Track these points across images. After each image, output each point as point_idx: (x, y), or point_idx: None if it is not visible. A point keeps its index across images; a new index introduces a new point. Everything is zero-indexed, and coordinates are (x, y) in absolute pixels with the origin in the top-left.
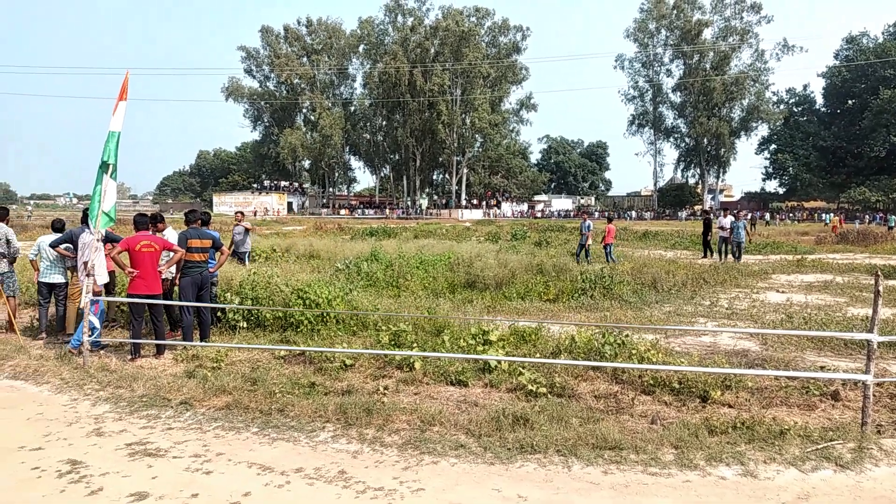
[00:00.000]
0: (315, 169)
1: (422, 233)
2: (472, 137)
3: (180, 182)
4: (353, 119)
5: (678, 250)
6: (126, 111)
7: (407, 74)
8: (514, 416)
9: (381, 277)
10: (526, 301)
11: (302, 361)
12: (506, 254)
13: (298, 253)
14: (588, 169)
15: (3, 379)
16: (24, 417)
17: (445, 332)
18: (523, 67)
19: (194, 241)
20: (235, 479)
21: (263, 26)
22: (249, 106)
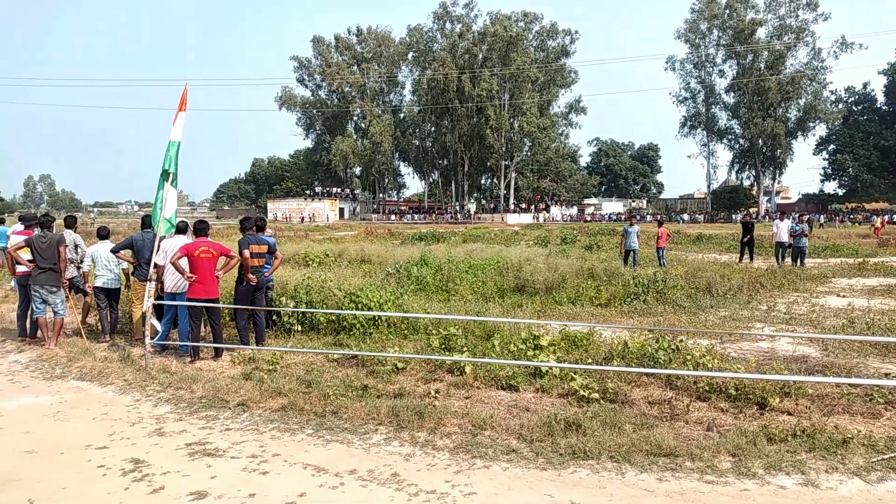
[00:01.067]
0: (366, 175)
1: (470, 237)
2: (520, 141)
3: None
4: (402, 126)
5: (733, 254)
6: (185, 121)
7: (455, 80)
8: (566, 422)
9: (431, 282)
10: (577, 306)
11: (355, 364)
12: (556, 258)
13: (350, 257)
14: (639, 171)
15: (71, 380)
16: (91, 417)
17: (495, 336)
18: (572, 71)
19: (253, 247)
20: (291, 480)
21: (315, 36)
22: (302, 114)
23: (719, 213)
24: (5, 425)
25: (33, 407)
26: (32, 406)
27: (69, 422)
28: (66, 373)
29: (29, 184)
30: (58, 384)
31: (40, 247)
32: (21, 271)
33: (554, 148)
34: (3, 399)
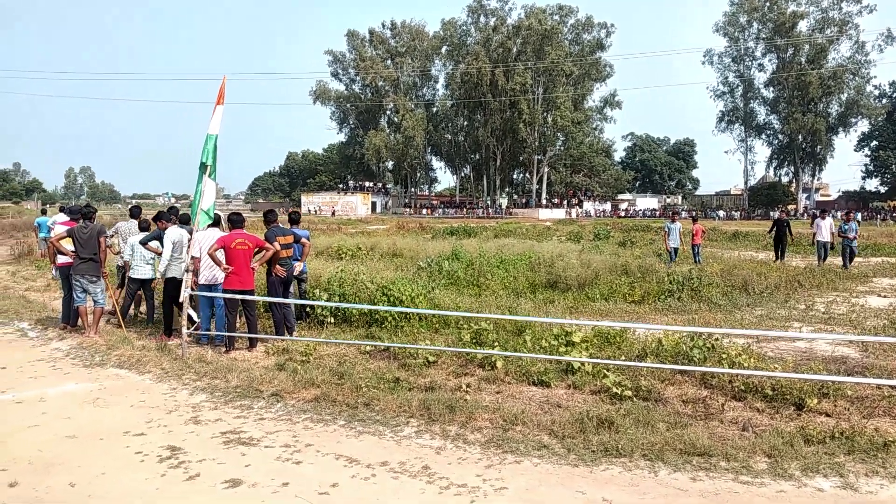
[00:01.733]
0: (398, 169)
1: (502, 232)
2: (553, 136)
3: (270, 182)
4: (434, 120)
5: (770, 252)
6: (223, 115)
7: (489, 74)
8: (598, 419)
9: (462, 276)
10: (610, 302)
11: (386, 357)
12: (588, 254)
13: (382, 251)
14: (674, 167)
15: (110, 367)
16: (129, 404)
17: (527, 331)
18: (607, 64)
19: (280, 239)
20: (324, 470)
21: (349, 30)
22: (336, 108)
23: (756, 210)
24: (48, 410)
25: (74, 393)
26: (73, 392)
27: (108, 408)
28: (106, 360)
29: (70, 175)
30: (97, 371)
31: (82, 237)
32: (62, 262)
33: (588, 142)
34: (45, 385)
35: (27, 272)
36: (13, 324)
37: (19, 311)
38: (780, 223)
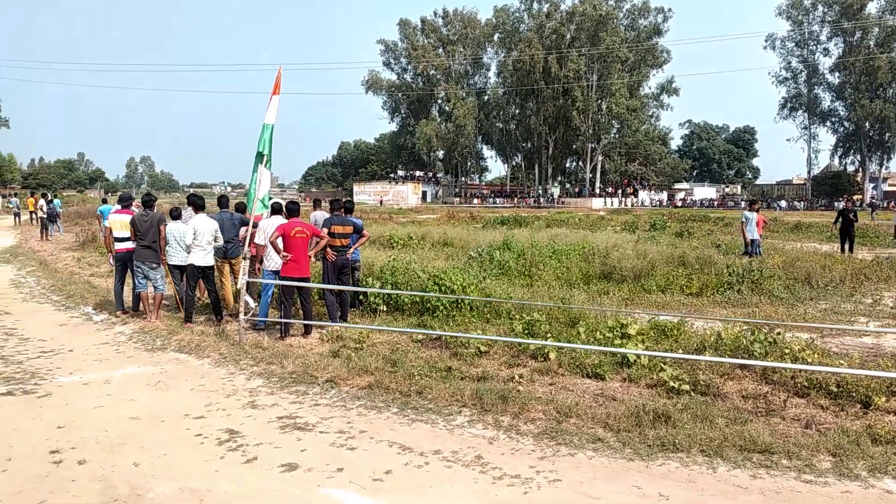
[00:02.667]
0: (448, 158)
1: (554, 222)
2: (608, 124)
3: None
4: (486, 108)
5: (835, 243)
6: (279, 105)
7: (541, 61)
8: (654, 413)
9: (514, 266)
10: (666, 294)
11: (438, 346)
12: (644, 244)
13: (433, 240)
14: (734, 155)
15: (170, 352)
16: (189, 388)
17: (581, 323)
18: (664, 50)
19: (336, 227)
20: (377, 457)
21: (401, 19)
22: (388, 98)
23: (820, 200)
24: (113, 392)
25: (137, 376)
26: (136, 375)
27: (169, 391)
28: (166, 345)
29: (131, 165)
30: (158, 355)
31: (142, 225)
32: (119, 248)
33: (643, 130)
34: (110, 368)
35: (91, 258)
36: (79, 308)
37: (84, 295)
38: (845, 214)
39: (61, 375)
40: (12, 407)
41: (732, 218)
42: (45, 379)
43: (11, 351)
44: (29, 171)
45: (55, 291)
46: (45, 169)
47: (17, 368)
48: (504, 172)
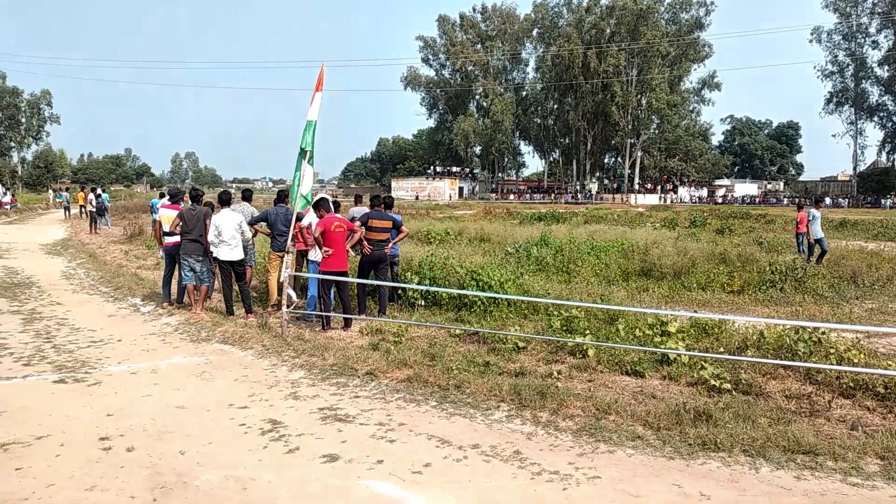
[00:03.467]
0: (485, 154)
1: (592, 218)
2: (647, 119)
3: (362, 168)
4: (524, 104)
5: (881, 241)
6: (321, 101)
7: (580, 56)
8: (695, 411)
9: (552, 262)
10: (707, 292)
11: (476, 341)
12: (684, 241)
13: (470, 236)
14: (777, 151)
15: (215, 343)
16: (232, 378)
17: (620, 320)
18: (706, 44)
19: (375, 222)
20: (416, 450)
21: (440, 15)
22: (426, 94)
23: (866, 197)
24: (159, 382)
25: (183, 366)
26: (182, 365)
27: (214, 381)
28: (211, 336)
29: (176, 160)
30: (203, 346)
31: (190, 219)
32: (168, 242)
33: (684, 126)
34: (157, 358)
35: (138, 251)
36: (127, 300)
37: (132, 287)
38: None
39: (110, 365)
40: (65, 394)
41: (775, 215)
42: (95, 368)
43: (63, 340)
44: (78, 166)
45: (104, 283)
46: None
47: (69, 357)
48: (541, 168)
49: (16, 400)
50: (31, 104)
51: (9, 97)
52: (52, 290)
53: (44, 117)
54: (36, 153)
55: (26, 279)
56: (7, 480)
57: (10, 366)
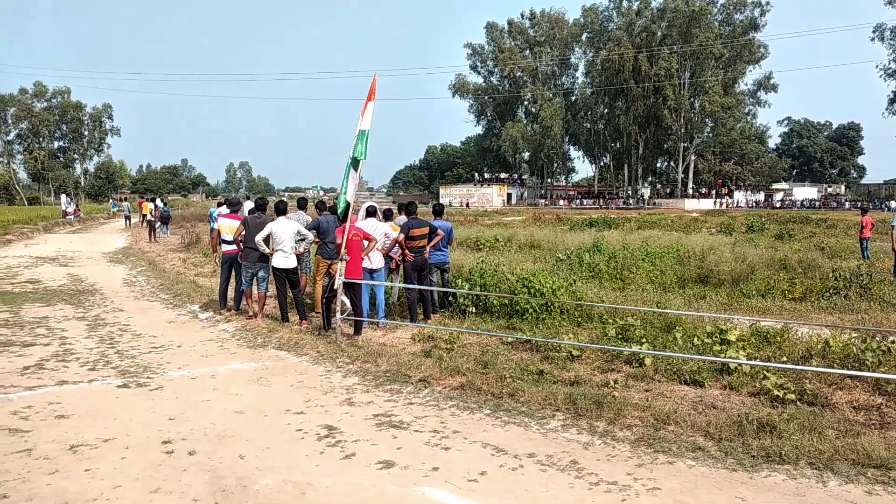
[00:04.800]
0: (534, 160)
1: (645, 223)
2: (701, 122)
3: (410, 175)
4: (573, 109)
5: None
6: (373, 110)
7: (631, 60)
8: (758, 422)
9: (605, 269)
10: (767, 299)
11: (529, 349)
12: (742, 247)
13: (520, 242)
14: (837, 154)
15: (271, 349)
16: (288, 384)
17: (677, 328)
18: (761, 45)
19: (415, 230)
20: (471, 458)
21: (489, 22)
22: (474, 101)
23: None
24: (218, 387)
25: (240, 371)
26: (239, 370)
27: (270, 387)
28: (267, 342)
29: (230, 170)
30: (260, 352)
31: (254, 227)
32: (226, 250)
33: (739, 128)
34: (215, 363)
35: (196, 259)
36: (186, 306)
37: (191, 294)
38: None
39: (171, 370)
40: (128, 399)
41: (836, 219)
42: (156, 373)
43: (126, 346)
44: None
45: (163, 290)
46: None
47: (132, 362)
48: (591, 173)
49: (83, 404)
50: (94, 117)
51: (73, 111)
52: (115, 297)
53: (105, 130)
54: (98, 164)
55: (90, 286)
56: (77, 481)
57: (77, 370)
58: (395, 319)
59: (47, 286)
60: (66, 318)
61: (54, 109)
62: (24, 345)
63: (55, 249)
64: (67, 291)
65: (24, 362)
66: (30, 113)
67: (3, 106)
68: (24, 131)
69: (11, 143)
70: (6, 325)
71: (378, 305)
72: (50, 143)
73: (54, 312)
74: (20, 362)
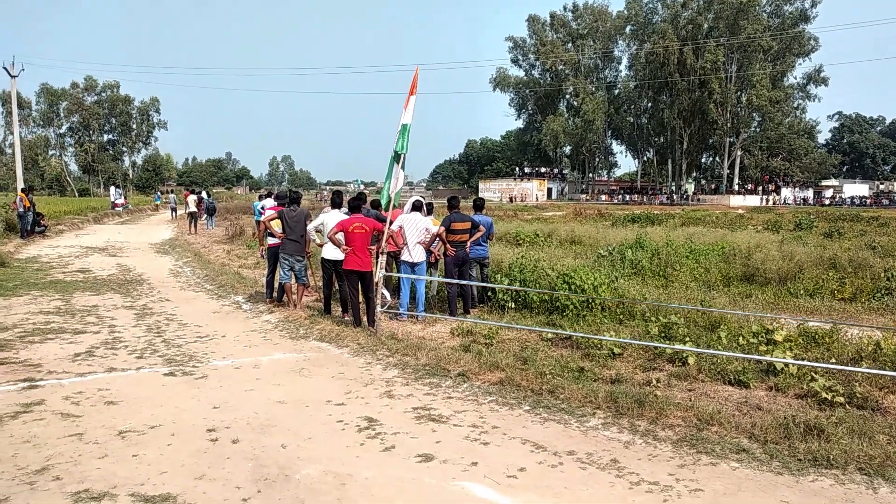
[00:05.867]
0: (575, 154)
1: (689, 220)
2: (748, 116)
3: (450, 170)
4: (616, 102)
5: None
6: (415, 105)
7: (676, 53)
8: (805, 425)
9: (648, 266)
10: (816, 299)
11: (569, 346)
12: (790, 245)
13: (560, 238)
14: (890, 150)
15: (312, 340)
16: (329, 375)
17: (722, 327)
18: (811, 38)
19: (456, 224)
20: (510, 454)
21: (531, 15)
22: (515, 94)
23: None
24: (261, 377)
25: (282, 362)
26: (281, 361)
27: (312, 378)
28: (308, 333)
29: (273, 164)
30: (301, 343)
31: (290, 219)
32: (272, 243)
33: (787, 123)
34: (258, 354)
35: (240, 251)
36: (230, 297)
37: (235, 285)
38: None
39: (216, 359)
40: (174, 387)
41: (889, 217)
42: (201, 362)
43: (172, 335)
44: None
45: (208, 281)
46: (198, 167)
47: (178, 351)
48: (634, 168)
49: (131, 391)
50: (142, 111)
51: (122, 105)
52: (162, 287)
53: (152, 123)
54: (145, 157)
55: (138, 276)
56: (125, 466)
57: (125, 358)
58: (433, 313)
59: (97, 275)
60: (115, 306)
61: (104, 103)
62: (75, 332)
63: (104, 240)
64: (116, 281)
65: (76, 349)
66: (81, 107)
67: (55, 100)
68: (76, 124)
69: (63, 136)
70: (58, 313)
71: (418, 299)
72: (100, 136)
73: (104, 301)
74: (71, 349)
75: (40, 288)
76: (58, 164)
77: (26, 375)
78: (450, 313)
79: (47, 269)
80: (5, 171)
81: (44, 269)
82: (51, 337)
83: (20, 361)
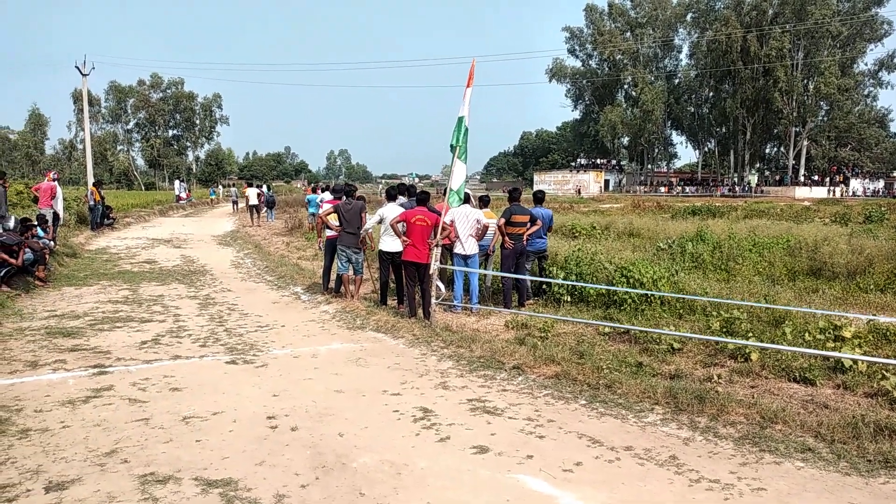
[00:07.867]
0: (634, 145)
1: (752, 212)
2: (815, 105)
3: (504, 162)
4: (676, 92)
5: None
6: (472, 97)
7: (739, 40)
8: (875, 425)
9: (709, 260)
10: (887, 294)
11: (626, 340)
12: (859, 238)
13: (618, 231)
14: None
15: (369, 330)
16: (385, 365)
17: (787, 323)
18: (885, 22)
19: (516, 217)
20: (567, 447)
21: (588, 4)
22: (571, 85)
23: None
24: (319, 366)
25: (340, 352)
26: (339, 351)
27: (368, 368)
28: (365, 324)
29: (331, 157)
30: (358, 334)
31: (346, 212)
32: (329, 235)
33: (857, 112)
34: (316, 343)
35: (298, 243)
36: (289, 288)
37: (294, 276)
38: None
39: (275, 348)
40: (236, 375)
41: None
42: (262, 351)
43: (234, 324)
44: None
45: (268, 272)
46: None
47: (239, 340)
48: (695, 159)
49: (194, 378)
50: (205, 107)
51: (186, 101)
52: (224, 278)
53: (215, 119)
54: (208, 152)
55: (201, 267)
56: (189, 450)
57: (189, 346)
58: (487, 306)
59: (162, 266)
60: (180, 296)
61: (169, 100)
62: (141, 321)
63: (169, 232)
64: (180, 271)
65: (142, 337)
66: (147, 103)
67: (123, 97)
68: (142, 120)
69: (131, 131)
70: (126, 302)
71: (472, 291)
72: (165, 131)
73: (169, 291)
74: (138, 337)
75: (109, 278)
76: (125, 158)
77: (96, 362)
78: (504, 305)
79: (115, 260)
80: (77, 165)
81: (112, 260)
82: (119, 325)
83: (91, 348)
